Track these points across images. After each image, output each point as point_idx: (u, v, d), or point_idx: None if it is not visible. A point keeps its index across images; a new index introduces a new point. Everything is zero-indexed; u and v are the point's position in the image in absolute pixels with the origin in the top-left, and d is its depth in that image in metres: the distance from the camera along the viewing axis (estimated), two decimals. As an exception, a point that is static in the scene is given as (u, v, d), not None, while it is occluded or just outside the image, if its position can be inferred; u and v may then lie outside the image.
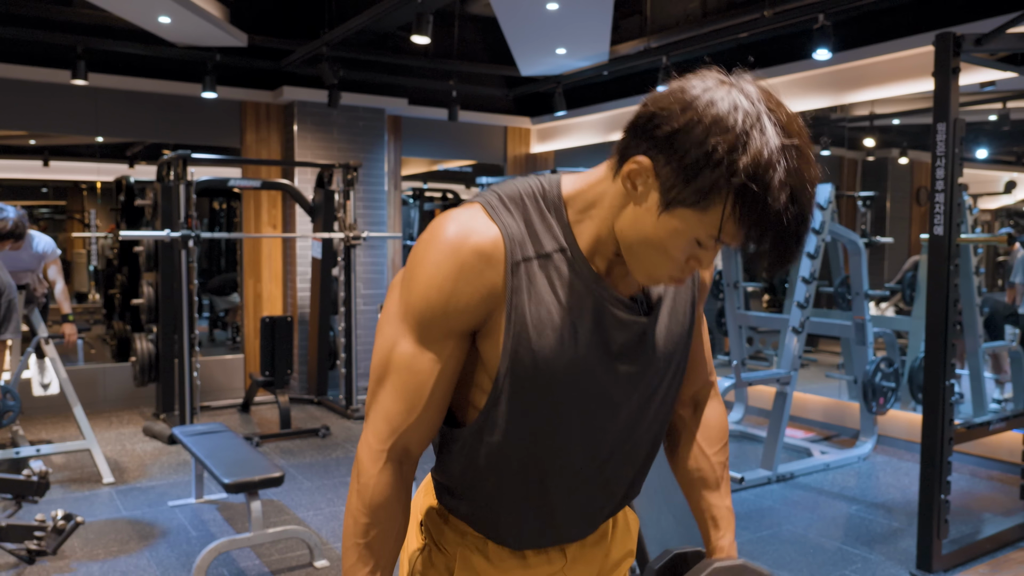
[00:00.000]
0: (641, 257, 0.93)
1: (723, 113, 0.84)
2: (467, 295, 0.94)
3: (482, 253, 0.93)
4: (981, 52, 3.36)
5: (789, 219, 0.83)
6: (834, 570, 3.37)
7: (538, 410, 0.99)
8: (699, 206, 0.85)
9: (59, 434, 5.40)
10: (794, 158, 0.84)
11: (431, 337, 0.97)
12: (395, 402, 0.99)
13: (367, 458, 1.01)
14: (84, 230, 8.70)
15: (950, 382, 3.28)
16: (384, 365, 1.00)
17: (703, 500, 1.20)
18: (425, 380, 0.98)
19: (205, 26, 5.36)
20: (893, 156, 9.63)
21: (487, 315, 0.96)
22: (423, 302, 0.95)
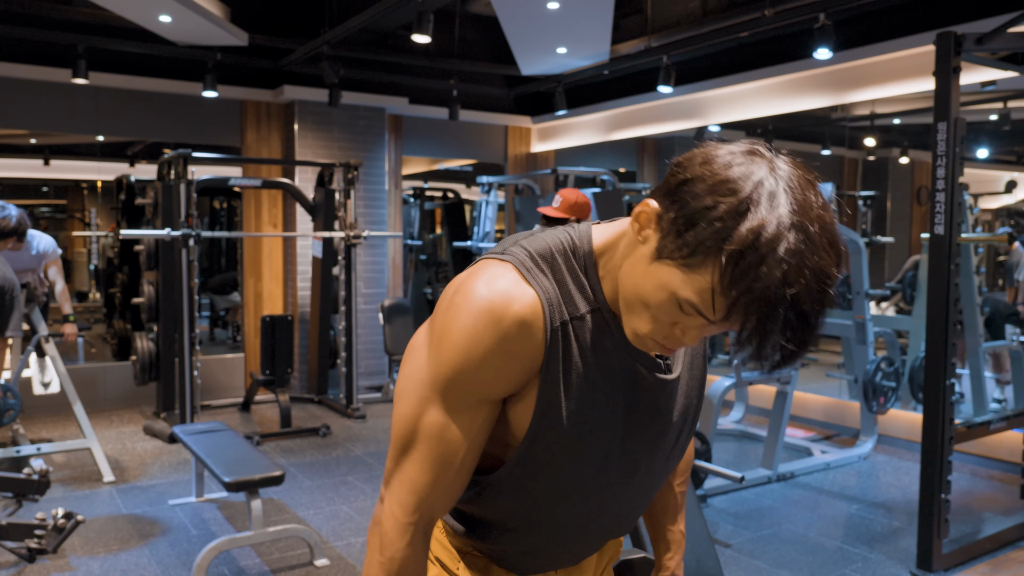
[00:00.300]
0: (629, 308, 0.89)
1: (736, 176, 0.78)
2: (508, 365, 0.90)
3: (524, 323, 0.89)
4: (982, 51, 3.35)
5: (780, 302, 0.75)
6: (834, 569, 3.37)
7: (560, 471, 0.97)
8: (687, 264, 0.80)
9: (60, 433, 5.40)
10: (801, 242, 0.75)
11: (465, 405, 0.93)
12: (423, 473, 0.95)
13: (394, 531, 0.96)
14: (85, 229, 8.70)
15: (951, 381, 3.28)
16: (410, 433, 0.95)
17: (660, 526, 1.26)
18: (456, 449, 0.94)
19: (206, 25, 5.36)
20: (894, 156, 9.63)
21: (526, 382, 0.93)
22: (458, 372, 0.91)
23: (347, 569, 3.35)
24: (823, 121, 8.39)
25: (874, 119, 8.18)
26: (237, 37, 5.71)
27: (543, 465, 0.96)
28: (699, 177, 0.80)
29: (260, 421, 5.96)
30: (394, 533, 0.96)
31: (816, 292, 0.76)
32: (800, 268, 0.75)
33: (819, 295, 0.76)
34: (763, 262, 0.75)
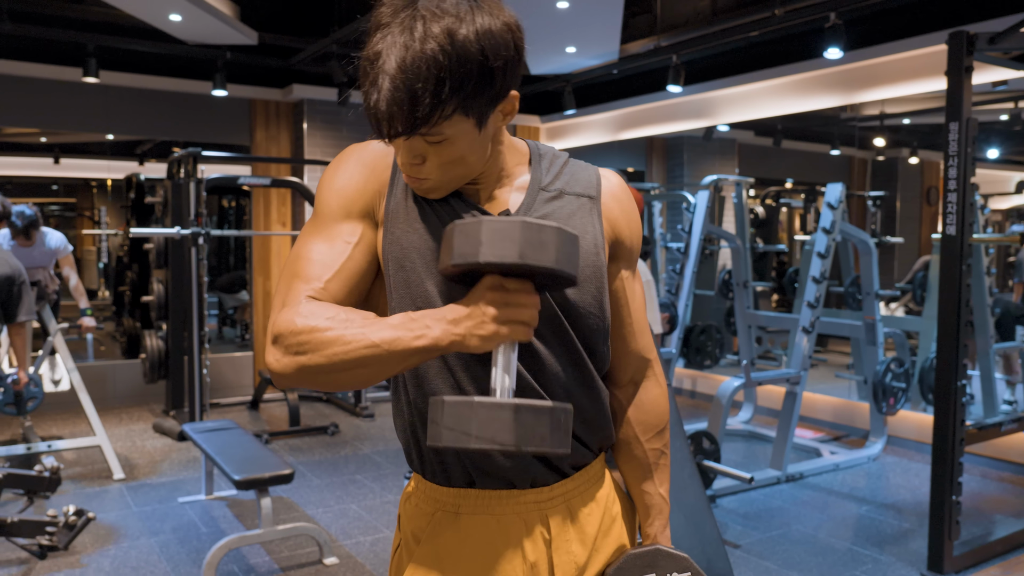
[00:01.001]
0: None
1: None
2: (361, 173, 1.05)
3: (376, 149, 1.07)
4: (994, 51, 3.34)
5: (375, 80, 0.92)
6: (844, 571, 3.36)
7: (423, 305, 1.00)
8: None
9: (70, 430, 5.43)
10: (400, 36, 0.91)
11: (337, 218, 1.03)
12: (299, 283, 0.99)
13: (281, 320, 0.96)
14: (94, 227, 8.73)
15: (962, 382, 3.26)
16: (291, 262, 1.03)
17: (636, 487, 1.20)
18: (335, 255, 1.01)
19: (215, 24, 5.37)
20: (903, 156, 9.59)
21: (378, 194, 1.05)
22: (327, 189, 1.05)
23: (356, 567, 3.35)
24: (832, 121, 8.36)
25: (884, 119, 8.14)
26: (247, 36, 5.72)
27: (402, 296, 1.02)
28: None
29: (269, 419, 5.98)
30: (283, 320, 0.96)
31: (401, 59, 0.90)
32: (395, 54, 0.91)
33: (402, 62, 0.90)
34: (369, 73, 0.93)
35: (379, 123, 0.93)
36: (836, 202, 4.65)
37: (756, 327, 6.06)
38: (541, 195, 1.09)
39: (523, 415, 0.86)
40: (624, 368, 1.19)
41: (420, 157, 0.97)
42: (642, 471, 1.19)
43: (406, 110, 0.90)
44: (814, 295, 4.60)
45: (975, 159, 3.26)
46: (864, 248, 5.00)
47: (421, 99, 0.89)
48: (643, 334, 1.19)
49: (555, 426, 0.88)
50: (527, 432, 0.86)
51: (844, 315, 6.47)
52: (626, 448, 1.20)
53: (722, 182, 5.78)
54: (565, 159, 1.14)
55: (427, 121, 0.91)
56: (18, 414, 4.35)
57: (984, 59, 3.35)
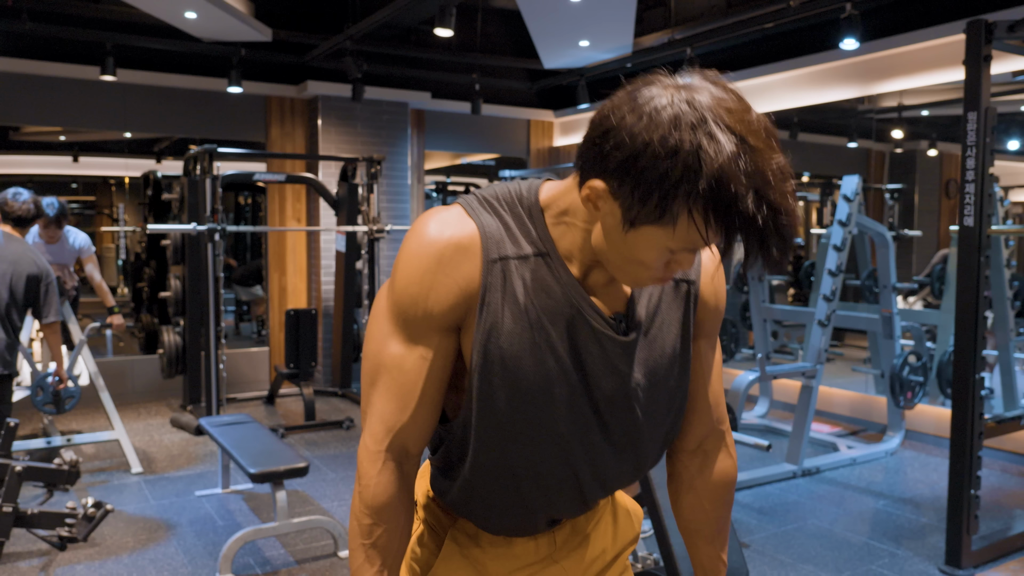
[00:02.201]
0: (619, 268, 0.93)
1: (666, 128, 0.82)
2: (445, 288, 0.95)
3: (459, 246, 0.95)
4: (1014, 39, 3.29)
5: (764, 220, 0.81)
6: (860, 565, 3.33)
7: (507, 411, 0.99)
8: (663, 223, 0.85)
9: (89, 425, 5.49)
10: (751, 159, 0.81)
11: (417, 333, 0.98)
12: (388, 402, 1.00)
13: (366, 460, 1.02)
14: (113, 225, 8.82)
15: (980, 375, 3.23)
16: (375, 367, 1.01)
17: (698, 549, 1.24)
18: (415, 378, 0.99)
19: (230, 21, 5.40)
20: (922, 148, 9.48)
21: (466, 310, 0.97)
22: (406, 297, 0.97)
23: (371, 560, 3.37)
24: (849, 113, 8.27)
25: (902, 111, 8.05)
26: (261, 33, 5.75)
27: (492, 398, 0.98)
28: (637, 151, 0.83)
29: (285, 414, 6.02)
30: (367, 462, 1.01)
31: (780, 183, 0.83)
32: (764, 184, 0.82)
33: (782, 185, 0.83)
34: (733, 198, 0.81)
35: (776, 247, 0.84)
36: (852, 194, 4.61)
37: (772, 321, 6.02)
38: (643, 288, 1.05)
39: None
40: (695, 435, 1.19)
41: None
42: (705, 537, 1.23)
43: (792, 238, 0.86)
44: (830, 288, 4.56)
45: (994, 150, 3.22)
46: (881, 241, 4.96)
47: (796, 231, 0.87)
48: (718, 406, 1.18)
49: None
50: None
51: (861, 308, 6.41)
52: (691, 514, 1.23)
53: (737, 175, 5.74)
54: None
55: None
56: (57, 413, 4.41)
57: (1003, 48, 3.30)
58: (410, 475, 1.04)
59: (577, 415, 1.01)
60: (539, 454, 1.02)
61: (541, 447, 1.02)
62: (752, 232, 0.82)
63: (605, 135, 0.86)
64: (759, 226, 0.82)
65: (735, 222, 0.82)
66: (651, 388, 1.04)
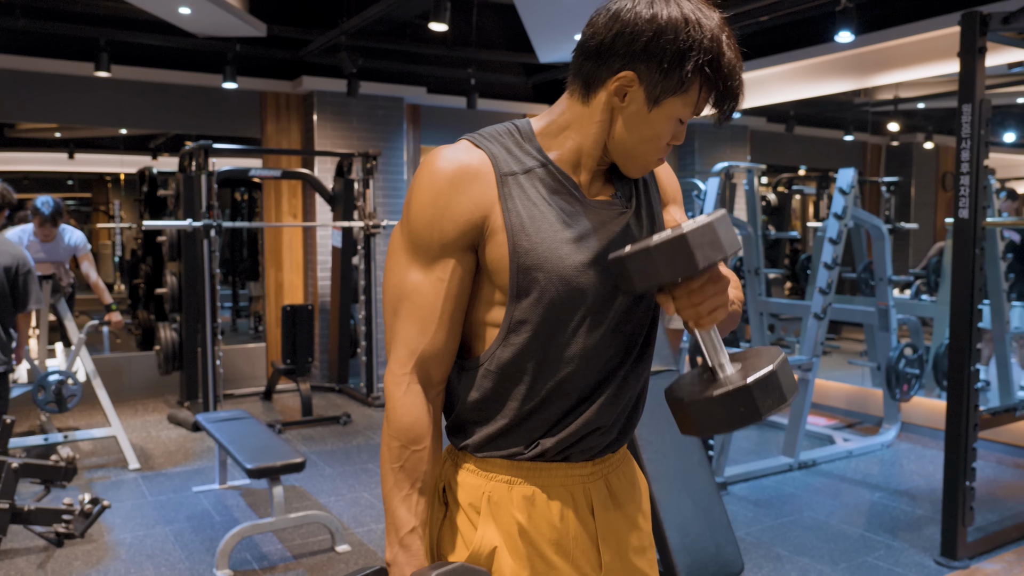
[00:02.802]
0: (638, 154, 1.08)
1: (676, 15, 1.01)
2: (461, 206, 1.04)
3: (469, 168, 1.05)
4: (1009, 31, 3.29)
5: (737, 67, 1.04)
6: (856, 557, 3.34)
7: (553, 302, 1.05)
8: (682, 90, 1.02)
9: (86, 421, 5.49)
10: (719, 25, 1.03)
11: (434, 256, 1.05)
12: (410, 326, 1.06)
13: (392, 384, 1.07)
14: (109, 221, 8.81)
15: (975, 367, 3.23)
16: (396, 295, 1.08)
17: None
18: (435, 299, 1.05)
19: (225, 16, 5.38)
20: (918, 141, 9.48)
21: (483, 224, 1.04)
22: (421, 221, 1.05)
23: (368, 555, 3.38)
24: (846, 106, 8.27)
25: (898, 104, 8.05)
26: (256, 28, 5.73)
27: (535, 290, 1.05)
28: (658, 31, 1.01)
29: (282, 410, 6.02)
30: (393, 386, 1.08)
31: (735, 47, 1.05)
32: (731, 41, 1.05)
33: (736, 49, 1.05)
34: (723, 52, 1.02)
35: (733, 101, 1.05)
36: (848, 187, 4.61)
37: (768, 314, 6.03)
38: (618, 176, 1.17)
39: (781, 372, 1.03)
40: None
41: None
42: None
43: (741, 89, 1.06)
44: (826, 281, 4.57)
45: (989, 142, 3.22)
46: (877, 233, 4.96)
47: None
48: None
49: (789, 379, 1.05)
50: (788, 383, 1.03)
51: (857, 301, 6.42)
52: None
53: (734, 169, 5.72)
54: None
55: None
56: (59, 411, 4.41)
57: (998, 39, 3.31)
58: (435, 402, 1.10)
59: (602, 299, 1.08)
60: (579, 336, 1.08)
61: (577, 338, 1.08)
62: (733, 79, 1.04)
63: (619, 37, 1.02)
64: (736, 72, 1.04)
65: (725, 73, 1.02)
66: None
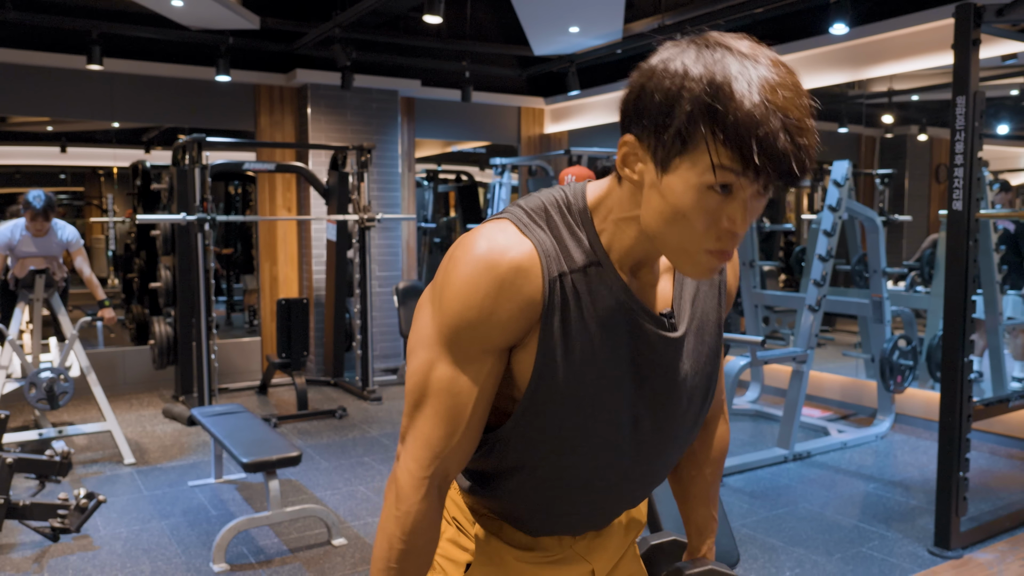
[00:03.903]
0: (672, 242, 0.89)
1: (676, 64, 0.84)
2: (507, 312, 0.91)
3: (520, 269, 0.91)
4: (1003, 23, 3.29)
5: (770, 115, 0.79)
6: (851, 547, 3.36)
7: (563, 425, 0.98)
8: (687, 150, 0.83)
9: (80, 416, 5.47)
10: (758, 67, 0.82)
11: (470, 356, 0.94)
12: (436, 427, 0.96)
13: (409, 486, 0.98)
14: (102, 215, 8.77)
15: (969, 358, 3.25)
16: (421, 389, 0.97)
17: (692, 510, 1.26)
18: (466, 402, 0.96)
19: (218, 9, 5.35)
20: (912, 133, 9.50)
21: (528, 330, 0.94)
22: (461, 321, 0.92)
23: (364, 548, 3.38)
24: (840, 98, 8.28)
25: (892, 96, 8.06)
26: (249, 21, 5.71)
27: (545, 416, 0.97)
28: (649, 83, 0.86)
29: (277, 404, 6.01)
30: (409, 488, 0.98)
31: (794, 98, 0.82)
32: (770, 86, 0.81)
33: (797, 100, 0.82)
34: (733, 94, 0.80)
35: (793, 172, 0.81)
36: (842, 179, 4.62)
37: (763, 307, 6.04)
38: (685, 279, 1.04)
39: None
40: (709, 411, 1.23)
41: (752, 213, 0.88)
42: (700, 495, 1.26)
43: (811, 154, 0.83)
44: (820, 273, 4.58)
45: (983, 134, 3.23)
46: (871, 226, 4.97)
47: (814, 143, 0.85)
48: (722, 377, 1.22)
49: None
50: None
51: (851, 293, 6.44)
52: (688, 476, 1.26)
53: (728, 161, 5.74)
54: None
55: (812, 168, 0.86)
56: (51, 408, 4.40)
57: (992, 31, 3.31)
58: (444, 497, 1.02)
59: (631, 419, 1.01)
60: (592, 462, 1.02)
61: (593, 455, 1.01)
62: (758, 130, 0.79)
63: (626, 98, 0.89)
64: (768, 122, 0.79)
65: (740, 121, 0.79)
66: (695, 377, 1.06)
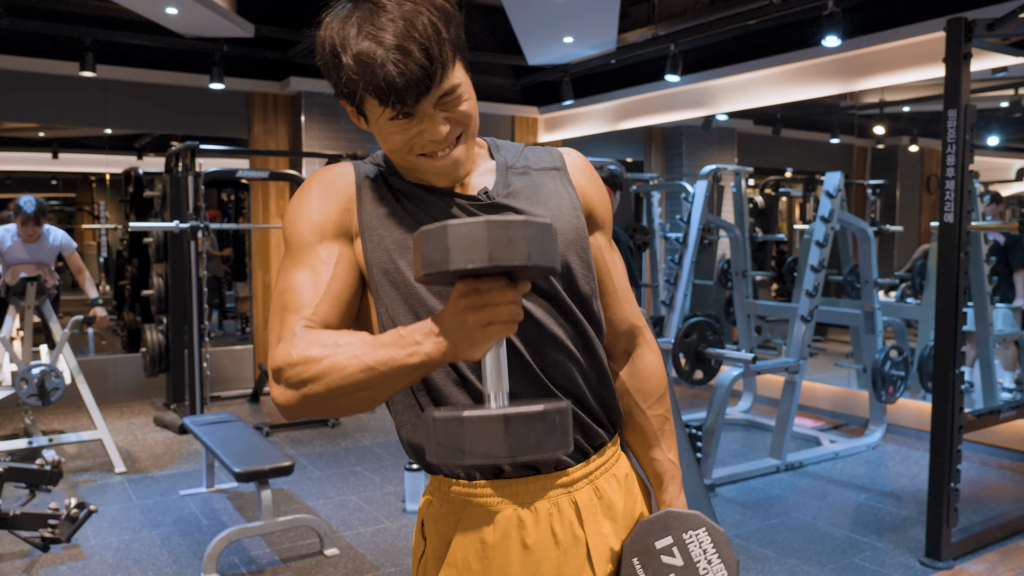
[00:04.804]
0: (404, 167, 1.08)
1: (320, 34, 1.03)
2: (329, 200, 1.05)
3: (334, 171, 1.09)
4: (993, 37, 3.32)
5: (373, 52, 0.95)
6: (843, 558, 3.37)
7: (405, 299, 1.03)
8: (359, 104, 1.02)
9: (71, 424, 5.44)
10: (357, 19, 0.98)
11: (307, 248, 1.03)
12: (294, 300, 0.99)
13: (285, 352, 0.94)
14: (94, 222, 8.74)
15: (960, 369, 3.27)
16: (278, 297, 1.02)
17: (644, 456, 1.21)
18: (319, 278, 1.01)
19: (212, 16, 5.35)
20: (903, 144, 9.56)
21: (350, 218, 1.05)
22: (298, 221, 1.05)
23: (357, 558, 3.37)
24: (832, 109, 8.33)
25: (883, 107, 8.12)
26: (243, 28, 5.71)
27: (400, 306, 1.03)
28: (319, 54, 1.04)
29: (270, 412, 5.99)
30: (281, 353, 0.95)
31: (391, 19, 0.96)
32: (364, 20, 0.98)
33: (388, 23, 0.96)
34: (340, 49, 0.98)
35: (401, 95, 0.95)
36: (835, 190, 4.65)
37: (755, 316, 6.06)
38: (510, 173, 1.13)
39: (514, 424, 0.83)
40: (615, 337, 1.19)
41: (445, 123, 1.01)
42: (648, 440, 1.20)
43: (425, 69, 0.95)
44: (812, 284, 4.60)
45: (974, 146, 3.26)
46: (863, 236, 5.00)
47: (433, 53, 0.96)
48: (629, 300, 1.20)
49: (550, 430, 0.85)
50: (520, 441, 0.83)
51: (843, 304, 6.47)
52: (628, 418, 1.20)
53: (721, 171, 5.76)
54: (523, 146, 1.19)
55: (443, 71, 0.97)
56: (43, 405, 4.38)
57: (983, 45, 3.34)
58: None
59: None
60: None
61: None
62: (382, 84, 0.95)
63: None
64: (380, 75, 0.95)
65: (368, 85, 0.96)
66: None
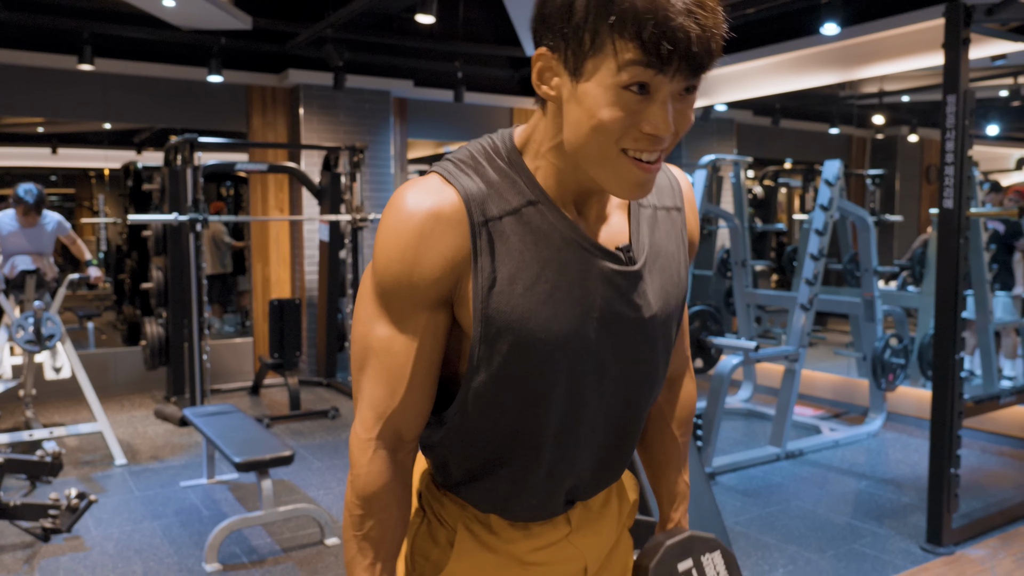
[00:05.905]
0: (593, 155, 0.86)
1: None
2: (430, 261, 0.89)
3: (440, 215, 0.89)
4: (992, 22, 3.32)
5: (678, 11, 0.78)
6: (843, 544, 3.37)
7: (520, 377, 0.93)
8: (595, 51, 0.82)
9: (72, 417, 5.45)
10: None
11: (404, 312, 0.92)
12: (376, 387, 0.95)
13: (356, 449, 0.97)
14: (93, 216, 8.74)
15: (959, 355, 3.27)
16: (362, 351, 0.96)
17: (664, 477, 1.22)
18: (404, 360, 0.93)
19: (210, 9, 5.34)
20: (903, 134, 9.55)
21: (456, 280, 0.91)
22: (389, 276, 0.91)
23: (358, 547, 3.37)
24: (831, 99, 8.32)
25: (883, 97, 8.11)
26: (241, 21, 5.69)
27: (500, 372, 0.93)
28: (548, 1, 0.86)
29: (270, 404, 6.00)
30: (358, 451, 0.97)
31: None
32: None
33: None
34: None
35: (693, 54, 0.79)
36: (834, 179, 4.64)
37: (755, 306, 6.07)
38: (641, 214, 1.01)
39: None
40: (673, 365, 1.19)
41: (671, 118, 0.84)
42: (672, 462, 1.22)
43: (723, 35, 0.81)
44: (812, 272, 4.60)
45: (973, 134, 3.25)
46: (862, 225, 5.00)
47: (726, 24, 0.82)
48: (687, 333, 1.19)
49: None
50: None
51: (843, 292, 6.47)
52: (661, 443, 1.21)
53: (720, 162, 5.75)
54: None
55: (721, 51, 0.82)
56: (39, 351, 4.42)
57: (982, 31, 3.33)
58: (405, 463, 0.98)
59: (593, 363, 0.96)
60: (557, 413, 0.96)
61: (559, 407, 0.96)
62: (663, 14, 0.77)
63: (543, 3, 0.88)
64: (672, 24, 0.77)
65: (647, 23, 0.77)
66: (666, 318, 1.01)
